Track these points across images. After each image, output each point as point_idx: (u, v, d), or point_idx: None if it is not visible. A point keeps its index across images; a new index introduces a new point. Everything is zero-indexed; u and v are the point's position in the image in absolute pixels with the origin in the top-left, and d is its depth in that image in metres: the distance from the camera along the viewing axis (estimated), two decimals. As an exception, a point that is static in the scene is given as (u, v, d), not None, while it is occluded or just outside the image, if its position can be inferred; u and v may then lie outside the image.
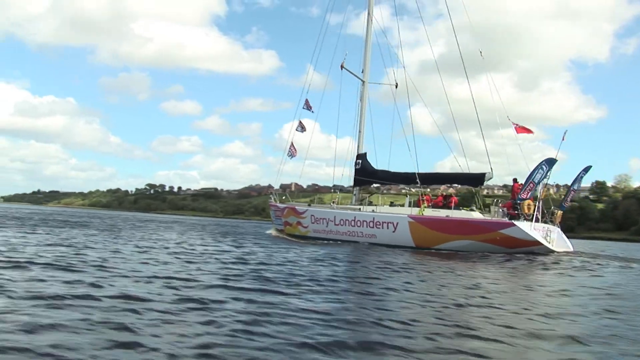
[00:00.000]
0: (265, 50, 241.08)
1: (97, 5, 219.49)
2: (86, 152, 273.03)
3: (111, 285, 6.43)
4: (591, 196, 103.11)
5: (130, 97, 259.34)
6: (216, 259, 10.91)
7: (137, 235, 18.91)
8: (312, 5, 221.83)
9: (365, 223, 20.04)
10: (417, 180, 20.34)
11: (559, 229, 19.03)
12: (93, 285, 6.31)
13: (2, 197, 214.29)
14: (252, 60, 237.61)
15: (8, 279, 6.32)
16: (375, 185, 24.20)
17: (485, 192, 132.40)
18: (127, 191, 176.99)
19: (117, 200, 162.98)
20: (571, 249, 18.65)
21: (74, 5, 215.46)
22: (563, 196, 22.49)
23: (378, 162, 24.23)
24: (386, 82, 25.24)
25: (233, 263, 10.06)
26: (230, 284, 7.07)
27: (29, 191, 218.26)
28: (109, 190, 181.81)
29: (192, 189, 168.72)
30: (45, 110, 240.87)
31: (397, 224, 19.01)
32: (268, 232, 27.04)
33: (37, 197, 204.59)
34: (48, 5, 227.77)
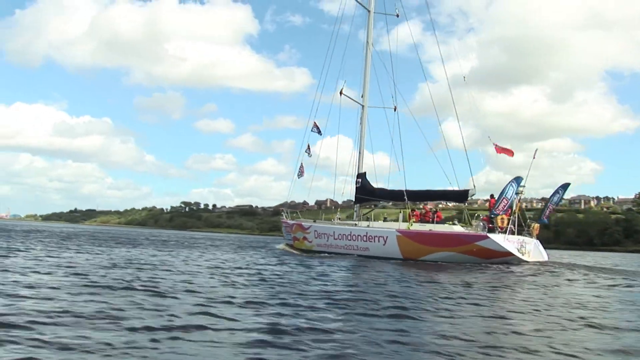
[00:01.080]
0: (298, 68, 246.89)
1: (132, 28, 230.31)
2: (122, 171, 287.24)
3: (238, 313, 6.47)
4: (634, 208, 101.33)
5: (165, 117, 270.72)
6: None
7: (196, 253, 20.02)
8: (344, 23, 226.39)
9: (359, 237, 22.39)
10: (405, 197, 22.57)
11: (536, 241, 20.86)
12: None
13: (40, 216, 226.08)
14: (285, 78, 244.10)
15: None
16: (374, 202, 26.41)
17: (534, 204, 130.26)
18: (162, 209, 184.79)
19: (153, 218, 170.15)
20: (545, 259, 20.42)
21: (109, 29, 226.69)
22: (541, 211, 24.20)
23: (408, 178, 26.55)
24: (388, 105, 27.51)
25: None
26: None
27: (66, 210, 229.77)
28: (144, 209, 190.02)
29: (227, 207, 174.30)
30: (82, 130, 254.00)
31: (387, 237, 21.28)
32: (278, 246, 29.64)
33: (74, 216, 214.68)
34: (85, 29, 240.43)
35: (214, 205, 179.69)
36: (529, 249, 20.07)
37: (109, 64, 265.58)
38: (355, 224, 23.45)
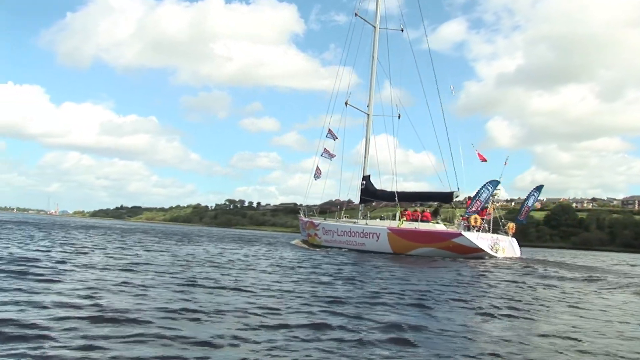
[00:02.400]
0: (342, 67, 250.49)
1: (178, 28, 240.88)
2: (167, 169, 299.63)
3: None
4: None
5: (210, 115, 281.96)
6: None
7: (276, 254, 20.00)
8: (390, 21, 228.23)
9: (357, 234, 25.82)
10: (396, 198, 25.82)
11: (512, 239, 23.66)
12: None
13: (88, 213, 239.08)
14: (330, 76, 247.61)
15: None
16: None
17: (585, 205, 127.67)
18: (207, 206, 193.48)
19: (197, 215, 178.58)
20: (518, 256, 23.18)
21: (156, 29, 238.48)
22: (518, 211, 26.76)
23: (452, 177, 29.83)
24: (390, 113, 30.70)
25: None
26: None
27: (112, 207, 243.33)
28: (189, 206, 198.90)
29: (271, 204, 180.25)
30: (129, 129, 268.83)
31: (380, 234, 24.61)
32: (293, 242, 33.41)
33: (120, 213, 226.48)
34: (132, 30, 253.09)
35: (259, 203, 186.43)
36: (504, 245, 22.92)
37: (155, 64, 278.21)
38: (355, 222, 26.91)
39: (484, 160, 24.53)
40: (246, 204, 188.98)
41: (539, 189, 24.73)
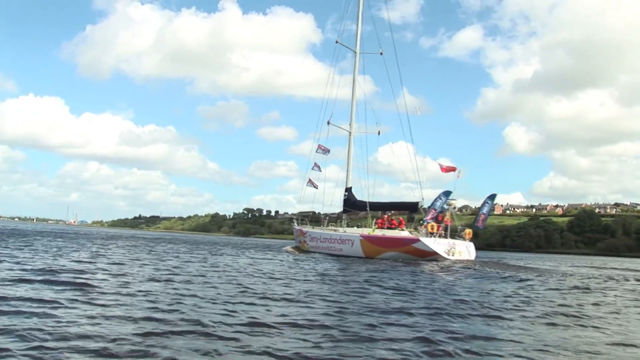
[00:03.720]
0: (360, 76, 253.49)
1: (197, 39, 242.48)
2: (185, 178, 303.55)
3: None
4: None
5: (228, 125, 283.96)
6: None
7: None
8: (406, 30, 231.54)
9: (336, 240, 29.15)
10: (367, 208, 29.11)
11: (469, 243, 26.68)
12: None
13: (106, 222, 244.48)
14: (347, 85, 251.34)
15: None
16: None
17: (608, 210, 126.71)
18: (225, 215, 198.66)
19: (216, 224, 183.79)
20: (472, 259, 26.14)
21: (174, 40, 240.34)
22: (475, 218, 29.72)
23: (472, 183, 32.42)
24: (373, 130, 34.03)
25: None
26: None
27: (130, 216, 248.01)
28: (207, 215, 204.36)
29: (289, 213, 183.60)
30: (148, 139, 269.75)
31: (353, 241, 27.90)
32: (284, 248, 36.82)
33: (138, 222, 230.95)
34: (151, 41, 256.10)
35: (277, 212, 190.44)
36: (460, 249, 25.95)
37: (174, 74, 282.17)
38: (336, 230, 30.24)
39: (448, 171, 27.51)
40: (264, 212, 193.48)
41: (492, 197, 27.75)
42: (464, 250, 26.26)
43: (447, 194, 25.70)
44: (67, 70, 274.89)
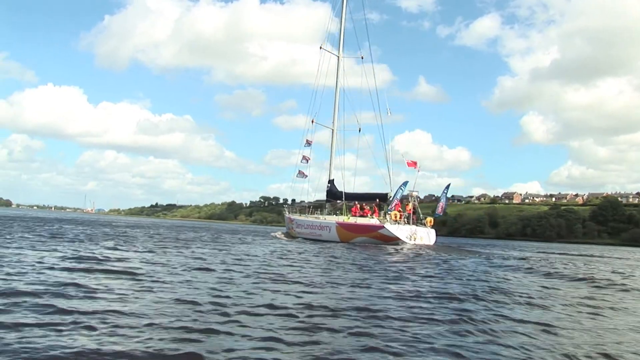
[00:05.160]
0: (377, 65, 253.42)
1: (214, 29, 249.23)
2: (202, 167, 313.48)
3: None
4: None
5: (245, 114, 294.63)
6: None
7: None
8: (424, 19, 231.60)
9: (316, 227, 32.72)
10: (343, 197, 32.59)
11: (430, 229, 29.94)
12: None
13: (123, 211, 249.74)
14: (364, 74, 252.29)
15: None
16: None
17: (630, 200, 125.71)
18: (241, 204, 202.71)
19: (232, 212, 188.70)
20: (431, 244, 29.36)
21: (192, 30, 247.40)
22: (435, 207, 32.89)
23: (489, 171, 34.67)
24: (355, 127, 37.27)
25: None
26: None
27: (147, 205, 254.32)
28: (223, 203, 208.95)
29: (306, 201, 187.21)
30: (165, 127, 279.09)
31: (330, 227, 31.41)
32: (273, 234, 40.44)
33: (155, 210, 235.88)
34: (169, 32, 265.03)
35: (293, 200, 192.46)
36: (421, 235, 29.25)
37: (191, 64, 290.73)
38: (317, 217, 33.80)
39: (412, 165, 30.73)
40: (280, 200, 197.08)
41: (447, 187, 31.31)
42: (424, 235, 29.55)
43: (405, 184, 29.03)
44: (86, 60, 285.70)
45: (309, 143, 37.58)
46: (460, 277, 12.32)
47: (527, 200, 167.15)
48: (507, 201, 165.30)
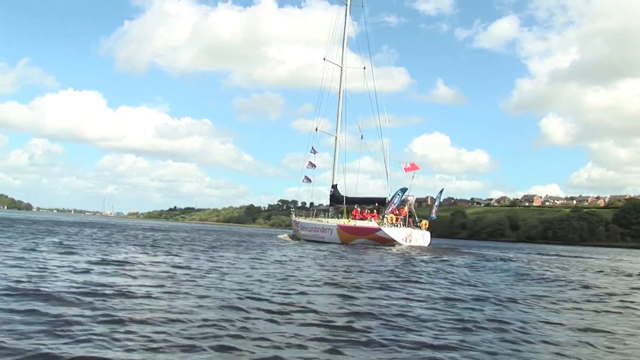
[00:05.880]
0: (396, 68, 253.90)
1: (232, 33, 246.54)
2: (220, 170, 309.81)
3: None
4: None
5: (263, 117, 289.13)
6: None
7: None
8: (441, 22, 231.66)
9: (320, 229, 34.47)
10: (344, 202, 34.28)
11: (425, 232, 31.43)
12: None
13: (142, 214, 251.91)
14: (383, 77, 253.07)
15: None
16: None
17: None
18: (259, 207, 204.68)
19: (250, 216, 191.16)
20: (426, 245, 30.81)
21: (210, 34, 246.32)
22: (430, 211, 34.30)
23: (508, 173, 36.13)
24: (357, 133, 38.99)
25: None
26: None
27: (165, 208, 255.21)
28: (242, 207, 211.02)
29: (324, 204, 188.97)
30: (183, 131, 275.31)
31: (332, 229, 33.13)
32: (279, 236, 42.22)
33: (173, 213, 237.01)
34: (187, 36, 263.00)
35: (312, 203, 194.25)
36: (416, 237, 30.80)
37: (209, 68, 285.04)
38: (320, 220, 35.56)
39: (410, 170, 32.22)
40: (299, 204, 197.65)
41: (441, 192, 32.88)
42: (419, 237, 31.09)
43: (403, 190, 30.56)
44: (105, 65, 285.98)
45: (314, 151, 39.40)
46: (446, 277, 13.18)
47: (547, 203, 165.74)
48: (527, 204, 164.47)
